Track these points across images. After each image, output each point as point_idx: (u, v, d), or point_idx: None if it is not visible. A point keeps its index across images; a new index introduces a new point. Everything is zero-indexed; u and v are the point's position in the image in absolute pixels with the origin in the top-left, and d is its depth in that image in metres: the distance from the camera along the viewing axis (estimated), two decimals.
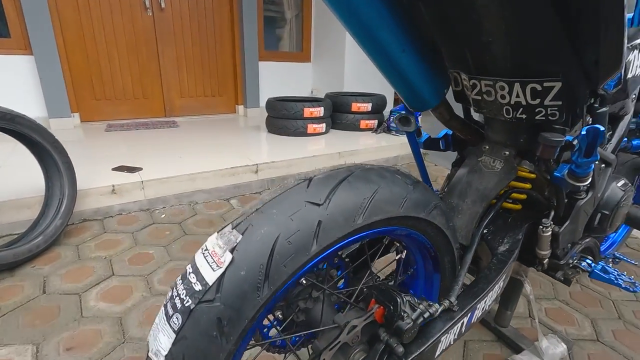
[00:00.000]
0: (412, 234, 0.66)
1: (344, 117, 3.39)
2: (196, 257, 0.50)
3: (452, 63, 0.77)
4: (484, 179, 0.83)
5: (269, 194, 0.54)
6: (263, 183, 2.35)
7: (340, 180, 0.54)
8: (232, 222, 0.51)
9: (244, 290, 0.45)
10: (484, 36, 0.65)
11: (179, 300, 0.47)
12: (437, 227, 0.67)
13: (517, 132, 0.78)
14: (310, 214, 0.49)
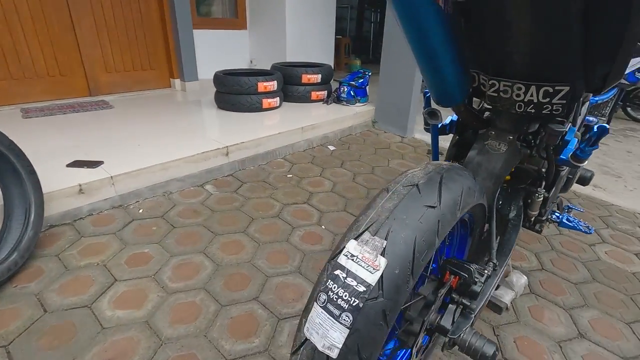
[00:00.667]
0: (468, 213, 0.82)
1: (295, 89, 3.39)
2: (345, 263, 0.58)
3: (476, 65, 0.91)
4: (492, 160, 1.02)
5: (387, 201, 0.63)
6: (234, 165, 2.32)
7: (439, 183, 0.65)
8: (368, 229, 0.60)
9: (398, 285, 0.56)
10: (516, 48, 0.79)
11: (342, 301, 0.55)
12: (482, 205, 0.84)
13: (521, 122, 0.97)
14: (432, 216, 0.61)
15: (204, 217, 1.83)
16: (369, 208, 0.64)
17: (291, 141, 2.67)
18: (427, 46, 0.76)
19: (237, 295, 1.35)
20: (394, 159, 2.79)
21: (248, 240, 1.68)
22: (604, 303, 1.48)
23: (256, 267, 1.51)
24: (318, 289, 0.59)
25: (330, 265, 0.60)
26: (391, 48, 3.16)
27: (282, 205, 2.00)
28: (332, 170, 2.49)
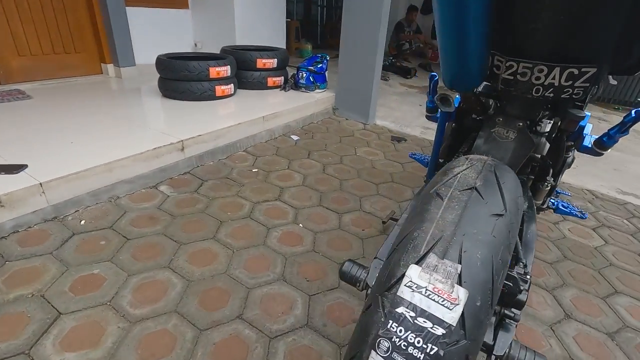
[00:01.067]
0: None
1: (250, 75, 3.13)
2: (411, 299, 0.45)
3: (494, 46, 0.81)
4: (500, 149, 0.95)
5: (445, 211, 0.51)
6: (191, 161, 2.06)
7: (498, 184, 0.55)
8: (432, 250, 0.47)
9: (481, 320, 0.44)
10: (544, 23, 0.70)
11: (416, 350, 0.42)
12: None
13: (533, 108, 0.91)
14: (503, 227, 0.50)
15: (163, 224, 1.58)
16: (423, 220, 0.51)
17: (252, 132, 2.46)
18: (461, 21, 0.65)
19: (217, 315, 1.17)
20: (360, 147, 2.71)
21: (219, 247, 1.48)
22: (579, 280, 1.54)
23: (234, 279, 1.33)
24: (373, 332, 0.45)
25: (388, 299, 0.46)
26: (350, 33, 3.03)
27: (252, 204, 1.81)
28: (299, 162, 2.33)
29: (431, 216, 0.51)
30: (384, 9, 2.79)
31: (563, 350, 1.20)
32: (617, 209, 2.26)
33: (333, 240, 1.61)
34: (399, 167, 2.44)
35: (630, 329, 1.32)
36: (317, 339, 1.13)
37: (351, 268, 0.78)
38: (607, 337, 1.27)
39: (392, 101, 4.12)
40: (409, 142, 2.94)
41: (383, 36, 2.97)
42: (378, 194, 2.05)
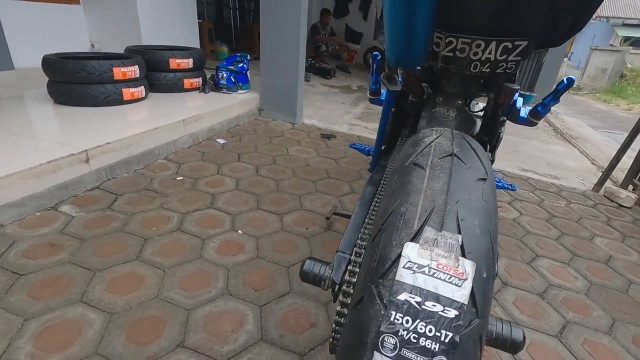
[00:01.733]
0: None
1: (163, 76, 2.84)
2: (414, 281, 0.38)
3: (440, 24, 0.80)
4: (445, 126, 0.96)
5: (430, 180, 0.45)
6: (99, 174, 1.76)
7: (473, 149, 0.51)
8: (426, 222, 0.41)
9: (488, 294, 0.39)
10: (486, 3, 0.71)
11: (429, 340, 0.36)
12: None
13: (471, 84, 0.93)
14: (489, 191, 0.46)
15: (69, 251, 1.30)
16: (409, 193, 0.45)
17: (172, 137, 2.21)
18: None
19: (152, 348, 0.98)
20: (292, 146, 2.63)
21: (146, 268, 1.26)
22: (507, 250, 1.67)
23: (169, 302, 1.13)
24: (373, 330, 0.37)
25: (385, 288, 0.39)
26: (270, 33, 2.95)
27: (180, 215, 1.60)
28: (229, 166, 2.16)
29: (416, 187, 0.45)
30: (302, 7, 2.77)
31: (507, 315, 1.27)
32: (523, 184, 2.55)
33: (277, 244, 1.50)
34: (333, 163, 2.42)
35: (554, 286, 1.46)
36: (275, 353, 1.01)
37: (313, 267, 0.69)
38: (538, 297, 1.39)
39: (316, 100, 4.14)
40: (339, 138, 2.96)
41: (304, 36, 2.95)
42: (317, 191, 2.00)
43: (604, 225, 2.07)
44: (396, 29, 0.72)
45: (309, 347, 1.05)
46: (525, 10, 0.71)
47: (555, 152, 3.62)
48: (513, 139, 3.88)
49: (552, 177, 2.82)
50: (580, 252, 1.74)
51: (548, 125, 4.98)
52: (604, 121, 6.75)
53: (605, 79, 11.44)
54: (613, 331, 1.27)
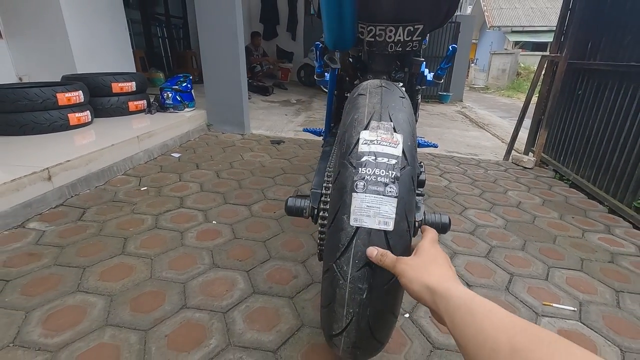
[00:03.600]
0: None
1: (106, 101, 2.87)
2: (369, 149, 0.62)
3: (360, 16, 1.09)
4: None
5: (370, 98, 0.70)
6: (62, 192, 1.78)
7: (394, 84, 0.78)
8: (372, 118, 0.65)
9: (413, 154, 0.65)
10: None
11: (382, 177, 0.60)
12: None
13: (391, 62, 1.23)
14: (406, 103, 0.73)
15: (51, 257, 1.34)
16: (357, 108, 0.70)
17: (128, 153, 2.27)
18: None
19: (158, 313, 1.10)
20: (245, 153, 2.81)
21: (134, 259, 1.36)
22: (442, 207, 2.02)
23: (163, 280, 1.25)
24: (349, 183, 0.61)
25: (353, 156, 0.63)
26: (209, 53, 3.15)
27: (153, 217, 1.70)
28: (190, 173, 2.28)
29: (362, 104, 0.70)
30: (237, 26, 3.01)
31: (449, 249, 1.58)
32: (449, 161, 3.00)
33: (250, 226, 1.67)
34: (287, 163, 2.65)
35: (480, 226, 1.82)
36: (268, 299, 1.19)
37: (295, 201, 0.91)
38: (470, 234, 1.72)
39: (260, 114, 4.36)
40: (287, 143, 3.20)
41: (242, 52, 3.19)
42: (276, 184, 2.20)
43: (514, 182, 2.55)
44: (331, 20, 0.99)
45: (295, 291, 1.24)
46: (419, 2, 1.03)
47: (472, 137, 4.23)
48: (437, 130, 4.44)
49: (472, 154, 3.34)
50: (498, 202, 2.15)
51: (465, 117, 5.73)
52: (508, 112, 7.85)
53: (506, 78, 13.25)
54: (525, 248, 1.64)
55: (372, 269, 0.59)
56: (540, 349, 0.29)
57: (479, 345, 0.34)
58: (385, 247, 0.59)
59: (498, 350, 0.32)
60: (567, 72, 2.79)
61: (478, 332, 0.35)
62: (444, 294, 0.44)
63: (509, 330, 0.33)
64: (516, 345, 0.31)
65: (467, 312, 0.39)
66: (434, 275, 0.49)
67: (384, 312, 0.62)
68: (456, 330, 0.39)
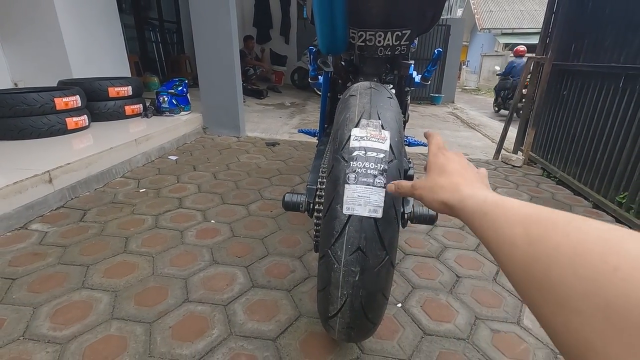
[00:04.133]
0: None
1: (103, 105, 2.90)
2: (359, 144, 0.68)
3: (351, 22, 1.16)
4: None
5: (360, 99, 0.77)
6: (63, 194, 1.82)
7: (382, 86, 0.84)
8: (362, 117, 0.72)
9: (400, 149, 0.71)
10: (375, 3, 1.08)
11: (372, 169, 0.66)
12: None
13: (381, 65, 1.29)
14: (394, 103, 0.79)
15: (55, 256, 1.39)
16: (349, 108, 0.76)
17: (127, 156, 2.31)
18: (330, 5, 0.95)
19: (162, 306, 1.15)
20: (241, 155, 2.86)
21: (136, 257, 1.41)
22: None
23: (166, 276, 1.30)
24: (342, 174, 0.67)
25: (345, 151, 0.69)
26: (205, 57, 3.20)
27: (153, 217, 1.74)
28: (188, 175, 2.33)
29: (353, 104, 0.76)
30: (232, 29, 3.08)
31: (439, 244, 1.64)
32: None
33: (248, 225, 1.72)
34: (282, 164, 2.70)
35: None
36: (267, 292, 1.24)
37: (292, 197, 0.97)
38: (460, 229, 1.79)
39: (255, 117, 4.42)
40: (282, 145, 3.26)
41: (237, 55, 3.25)
42: (272, 185, 2.25)
43: (503, 180, 2.63)
44: (323, 26, 1.05)
45: (293, 284, 1.29)
46: (404, 8, 1.10)
47: (463, 137, 4.32)
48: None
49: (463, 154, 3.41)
50: None
51: (456, 118, 5.84)
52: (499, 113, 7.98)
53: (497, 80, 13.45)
54: None
55: (364, 253, 0.65)
56: (555, 234, 0.27)
57: (499, 243, 0.33)
58: (375, 233, 0.65)
59: (515, 244, 0.30)
60: (552, 73, 2.89)
61: (495, 231, 0.34)
62: (458, 205, 0.42)
63: (523, 222, 0.31)
64: (532, 236, 0.29)
65: (482, 215, 0.37)
66: (446, 189, 0.46)
67: (375, 293, 0.68)
68: (478, 235, 0.38)
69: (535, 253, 0.28)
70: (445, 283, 1.35)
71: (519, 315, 1.20)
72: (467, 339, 1.09)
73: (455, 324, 1.14)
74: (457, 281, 1.37)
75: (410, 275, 1.39)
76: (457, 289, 1.32)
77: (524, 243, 0.29)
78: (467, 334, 1.11)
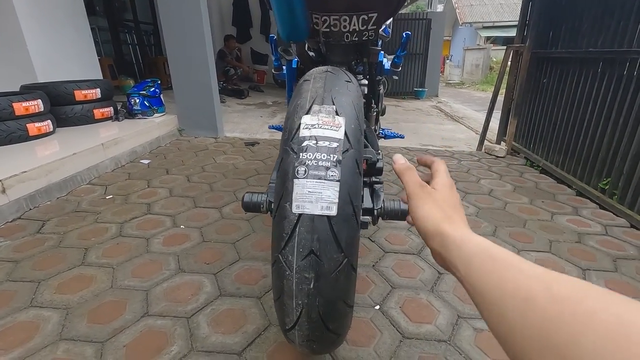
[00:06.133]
0: None
1: (70, 109, 2.76)
2: (310, 133, 0.60)
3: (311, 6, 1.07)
4: None
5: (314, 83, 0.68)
6: (19, 204, 1.69)
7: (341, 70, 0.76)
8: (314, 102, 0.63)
9: (357, 137, 0.63)
10: None
11: (323, 161, 0.58)
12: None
13: (348, 53, 1.21)
14: (353, 87, 0.71)
15: (3, 273, 1.27)
16: (301, 94, 0.67)
17: (93, 162, 2.19)
18: None
19: (117, 323, 1.05)
20: (218, 156, 2.76)
21: (94, 269, 1.30)
22: None
23: (125, 289, 1.20)
24: (290, 170, 0.59)
25: (295, 142, 0.61)
26: (178, 57, 3.08)
27: (118, 225, 1.63)
28: (159, 179, 2.22)
29: (305, 89, 0.68)
30: (205, 28, 2.96)
31: (421, 240, 1.57)
32: (423, 153, 3.02)
33: (221, 228, 1.62)
34: (261, 164, 2.61)
35: None
36: (235, 300, 1.15)
37: (252, 197, 0.88)
38: None
39: (235, 117, 4.30)
40: (262, 144, 3.16)
41: (211, 55, 3.13)
42: (249, 186, 2.16)
43: (486, 171, 2.58)
44: (281, 12, 0.97)
45: (264, 291, 1.20)
46: None
47: (447, 130, 4.29)
48: (413, 125, 4.48)
49: (446, 147, 3.38)
50: (470, 190, 2.17)
51: (440, 112, 5.81)
52: (483, 105, 8.01)
53: (480, 73, 13.56)
54: (495, 233, 1.65)
55: (318, 257, 0.57)
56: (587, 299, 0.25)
57: (508, 294, 0.30)
58: (330, 233, 0.57)
59: (534, 299, 0.27)
60: (531, 61, 2.86)
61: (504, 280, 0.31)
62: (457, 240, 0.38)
63: (543, 278, 0.29)
64: (557, 294, 0.26)
65: (488, 258, 0.34)
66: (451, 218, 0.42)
67: (334, 301, 0.60)
68: (473, 277, 0.34)
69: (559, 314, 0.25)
70: (427, 281, 1.28)
71: None
72: (448, 340, 1.02)
73: (436, 325, 1.07)
74: (438, 278, 1.30)
75: (390, 274, 1.32)
76: (439, 287, 1.25)
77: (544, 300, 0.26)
78: (449, 335, 1.04)
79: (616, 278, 1.33)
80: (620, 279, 1.33)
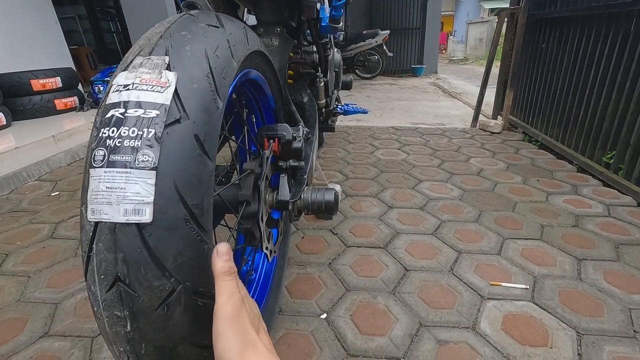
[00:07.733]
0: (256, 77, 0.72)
1: (27, 100, 2.58)
2: (118, 99, 0.39)
3: None
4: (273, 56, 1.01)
5: (155, 29, 0.47)
6: None
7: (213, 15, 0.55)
8: (137, 55, 0.43)
9: (203, 103, 0.42)
10: None
11: (131, 140, 0.37)
12: (267, 60, 0.76)
13: (282, 11, 0.99)
14: (219, 34, 0.50)
15: None
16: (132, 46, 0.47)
17: (43, 156, 2.01)
18: None
19: (8, 346, 0.88)
20: None
21: (6, 279, 1.13)
22: (394, 182, 1.81)
23: (33, 302, 1.03)
24: (90, 157, 0.38)
25: (99, 116, 0.40)
26: None
27: (53, 225, 1.46)
28: None
29: (139, 39, 0.47)
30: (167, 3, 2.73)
31: (391, 229, 1.37)
32: (412, 132, 2.79)
33: None
34: None
35: (433, 199, 1.62)
36: None
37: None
38: (419, 209, 1.52)
39: None
40: None
41: None
42: None
43: (479, 149, 2.35)
44: None
45: None
46: None
47: (442, 106, 4.02)
48: (406, 103, 4.22)
49: (438, 124, 3.13)
50: (457, 171, 1.95)
51: (437, 88, 5.51)
52: None
53: (483, 47, 12.99)
54: (480, 219, 1.44)
55: (128, 286, 0.37)
56: None
57: None
58: (143, 250, 0.37)
59: None
60: (528, 24, 2.57)
61: None
62: None
63: None
64: None
65: None
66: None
67: (171, 346, 0.41)
68: None
69: None
70: (389, 280, 1.09)
71: (476, 316, 0.94)
72: (402, 357, 0.83)
73: (390, 337, 0.88)
74: (403, 276, 1.10)
75: (347, 273, 1.12)
76: (402, 287, 1.06)
77: None
78: (404, 350, 0.84)
79: (618, 269, 1.12)
80: (623, 270, 1.12)
